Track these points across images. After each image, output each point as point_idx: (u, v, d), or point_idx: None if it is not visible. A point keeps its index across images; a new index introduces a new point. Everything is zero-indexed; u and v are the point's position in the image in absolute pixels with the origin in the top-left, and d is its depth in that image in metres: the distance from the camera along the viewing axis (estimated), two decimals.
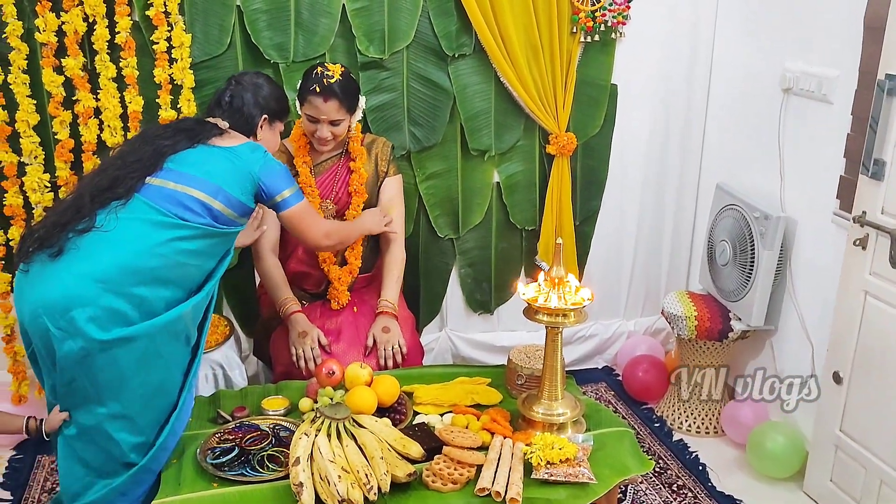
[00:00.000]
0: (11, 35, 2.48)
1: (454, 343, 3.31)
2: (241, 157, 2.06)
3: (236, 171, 2.04)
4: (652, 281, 3.47)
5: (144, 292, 1.87)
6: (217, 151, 2.05)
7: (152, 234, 1.90)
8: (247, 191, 2.06)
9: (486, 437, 2.03)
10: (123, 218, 1.89)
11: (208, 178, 1.99)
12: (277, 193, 2.12)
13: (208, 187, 1.99)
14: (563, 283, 2.05)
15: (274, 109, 2.27)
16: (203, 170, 2.00)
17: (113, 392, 1.87)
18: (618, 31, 3.02)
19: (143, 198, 1.93)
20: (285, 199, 2.14)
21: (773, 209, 2.74)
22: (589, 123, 3.13)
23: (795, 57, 2.71)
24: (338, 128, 2.47)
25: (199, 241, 1.97)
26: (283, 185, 2.13)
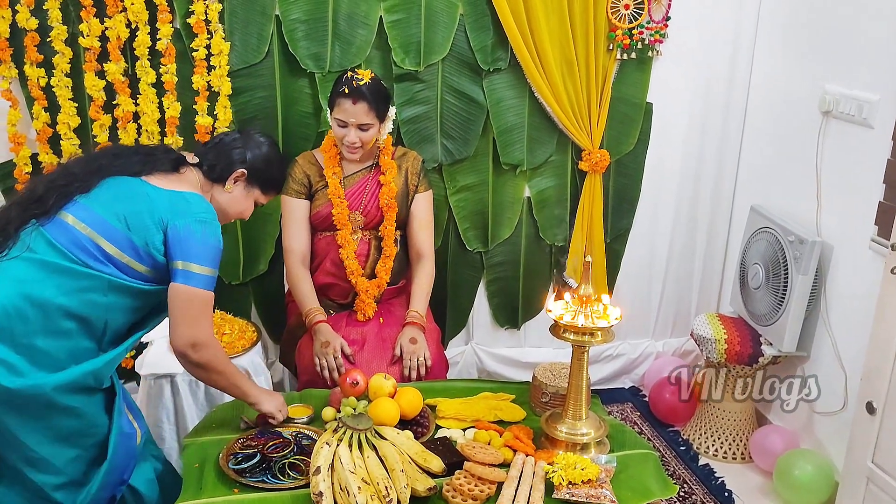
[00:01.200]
0: (56, 39, 2.53)
1: (479, 357, 3.30)
2: (165, 203, 1.82)
3: (150, 217, 1.80)
4: (682, 302, 3.43)
5: (40, 343, 1.69)
6: (144, 191, 1.84)
7: (50, 280, 1.71)
8: (156, 242, 1.80)
9: (508, 454, 2.01)
10: (26, 257, 1.72)
11: (118, 224, 1.78)
12: (178, 259, 1.79)
13: (116, 236, 1.77)
14: (591, 301, 2.03)
15: (259, 171, 2.04)
16: (116, 213, 1.79)
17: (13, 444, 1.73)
18: (655, 50, 3.00)
19: (49, 234, 1.75)
20: (188, 274, 1.79)
21: (808, 233, 2.69)
22: (623, 141, 3.11)
23: (836, 80, 2.67)
24: (366, 133, 2.47)
25: (110, 295, 1.77)
26: (194, 256, 1.80)
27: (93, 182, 1.84)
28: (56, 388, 1.72)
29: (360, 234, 2.63)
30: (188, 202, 1.86)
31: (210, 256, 1.84)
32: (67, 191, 1.82)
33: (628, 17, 2.91)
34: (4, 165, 2.66)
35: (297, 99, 2.81)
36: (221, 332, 2.57)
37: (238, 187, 2.04)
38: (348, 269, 2.59)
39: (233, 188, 2.03)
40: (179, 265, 1.81)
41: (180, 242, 1.81)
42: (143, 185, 1.86)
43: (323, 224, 2.61)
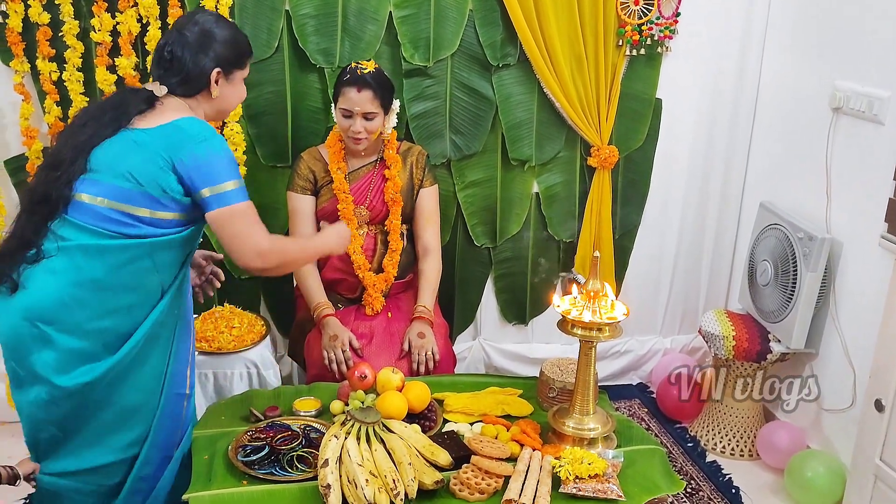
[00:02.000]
0: (68, 34, 2.54)
1: (487, 353, 3.30)
2: (158, 141, 1.74)
3: (151, 163, 1.74)
4: (690, 298, 3.42)
5: (104, 324, 1.74)
6: (137, 139, 1.76)
7: (95, 262, 1.73)
8: (169, 181, 1.75)
9: (515, 449, 2.02)
10: (63, 247, 1.73)
11: (128, 184, 1.74)
12: (196, 191, 1.75)
13: (132, 196, 1.74)
14: (599, 296, 2.04)
15: (228, 57, 1.89)
16: (122, 173, 1.74)
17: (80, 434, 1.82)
18: (664, 46, 3.00)
19: (75, 219, 1.75)
20: (218, 194, 1.75)
21: (817, 230, 2.69)
22: (632, 137, 3.11)
23: (846, 76, 2.66)
24: (371, 123, 2.47)
25: (155, 255, 1.79)
26: (218, 175, 1.75)
27: (81, 160, 1.77)
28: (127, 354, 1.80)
29: (365, 228, 2.64)
30: (180, 129, 1.78)
31: (227, 169, 1.78)
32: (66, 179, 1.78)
33: (638, 12, 2.91)
34: (17, 159, 2.69)
35: (307, 94, 2.82)
36: (230, 326, 2.59)
37: (221, 86, 1.91)
38: (355, 264, 2.60)
39: (218, 90, 1.91)
40: (206, 193, 1.76)
41: (195, 171, 1.75)
42: (130, 134, 1.77)
43: (329, 219, 2.62)
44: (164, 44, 1.88)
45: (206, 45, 1.86)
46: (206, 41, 1.86)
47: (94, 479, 1.90)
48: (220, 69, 1.89)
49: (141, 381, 1.89)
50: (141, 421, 1.93)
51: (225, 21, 1.96)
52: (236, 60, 1.93)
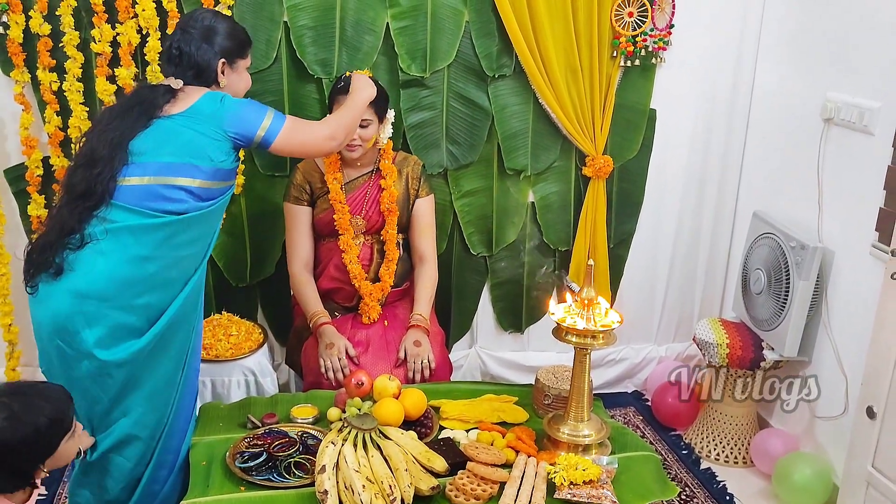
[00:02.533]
0: (68, 44, 2.57)
1: (483, 361, 3.32)
2: (201, 119, 1.94)
3: (203, 136, 1.93)
4: (685, 307, 3.44)
5: (149, 300, 1.87)
6: (175, 123, 1.94)
7: (142, 240, 1.87)
8: (223, 150, 1.96)
9: (511, 455, 2.04)
10: (111, 229, 1.86)
11: (177, 158, 1.90)
12: (255, 133, 1.99)
13: (181, 169, 1.90)
14: (593, 304, 2.06)
15: (230, 48, 2.10)
16: (170, 151, 1.91)
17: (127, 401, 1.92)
18: (658, 57, 3.03)
19: (122, 202, 1.88)
20: (267, 131, 2.00)
21: (809, 239, 2.71)
22: (626, 147, 3.13)
23: (837, 87, 2.69)
24: (366, 130, 2.49)
25: (193, 229, 1.94)
26: (256, 119, 1.99)
27: (120, 155, 1.91)
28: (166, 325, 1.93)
29: (361, 238, 2.66)
30: (209, 99, 1.98)
31: (258, 109, 2.01)
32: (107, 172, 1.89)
33: (632, 24, 2.94)
34: (17, 168, 2.71)
35: (305, 104, 2.85)
36: (228, 333, 2.61)
37: (227, 75, 2.10)
38: (351, 274, 2.61)
39: (225, 79, 2.10)
40: (260, 134, 1.99)
41: (241, 122, 1.97)
42: (166, 121, 1.94)
43: (326, 230, 2.64)
44: (171, 43, 2.08)
45: (209, 38, 2.06)
46: (208, 35, 2.07)
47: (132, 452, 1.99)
48: (225, 60, 2.08)
49: (173, 354, 2.01)
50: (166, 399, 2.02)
51: (223, 15, 2.17)
52: (238, 50, 2.13)
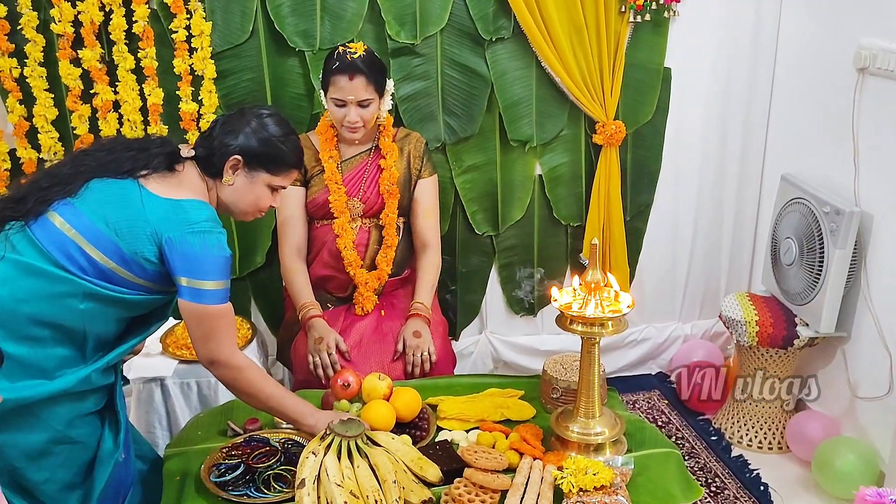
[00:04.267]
0: (27, 26, 2.39)
1: (495, 347, 3.12)
2: (158, 213, 1.67)
3: (143, 227, 1.66)
4: (710, 281, 3.22)
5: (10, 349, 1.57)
6: (137, 197, 1.69)
7: (27, 281, 1.61)
8: (148, 252, 1.67)
9: (514, 458, 1.84)
10: (8, 257, 1.62)
11: (107, 230, 1.65)
12: (180, 275, 1.67)
13: (104, 243, 1.65)
14: (601, 288, 1.84)
15: (257, 153, 1.79)
16: (106, 217, 1.66)
17: None
18: (671, 10, 2.78)
19: (34, 234, 1.64)
20: (181, 287, 1.68)
21: (845, 203, 2.48)
22: (639, 111, 2.90)
23: (871, 32, 2.45)
24: (367, 110, 2.31)
25: (87, 302, 1.65)
26: (197, 272, 1.67)
27: (77, 184, 1.69)
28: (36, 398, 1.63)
29: (359, 222, 2.47)
30: (185, 211, 1.70)
31: (217, 269, 1.70)
32: (47, 194, 1.69)
33: None
34: None
35: (288, 80, 2.65)
36: None
37: (239, 177, 1.80)
38: (346, 261, 2.42)
39: (233, 179, 1.80)
40: (184, 282, 1.68)
41: (181, 258, 1.67)
42: (137, 189, 1.70)
43: (319, 212, 2.45)
44: (224, 115, 1.86)
45: (242, 128, 1.79)
46: (244, 125, 1.80)
47: None
48: (241, 158, 1.79)
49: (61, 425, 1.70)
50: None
51: (281, 121, 1.85)
52: (265, 160, 1.81)
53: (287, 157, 1.84)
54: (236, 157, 1.78)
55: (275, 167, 1.83)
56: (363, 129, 2.36)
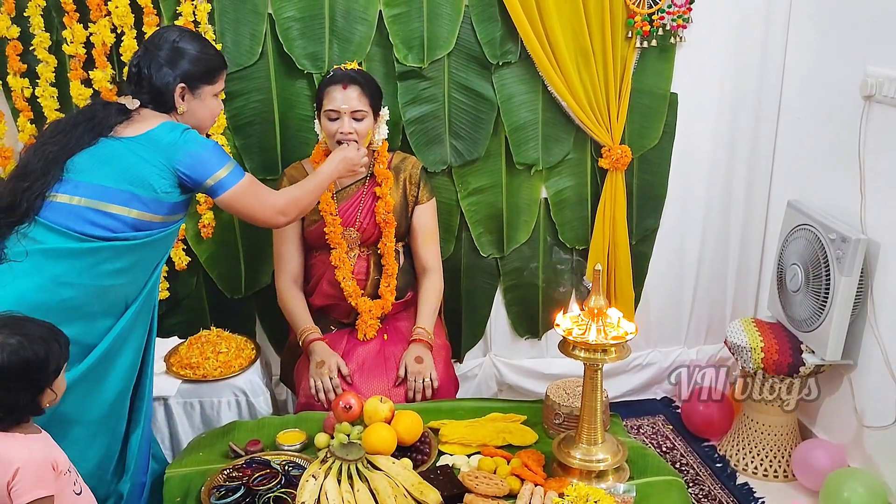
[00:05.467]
0: (39, 47, 2.41)
1: (499, 369, 3.11)
2: (152, 147, 1.78)
3: (147, 165, 1.77)
4: (716, 306, 3.19)
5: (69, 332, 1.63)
6: (122, 146, 1.78)
7: (60, 264, 1.70)
8: (169, 183, 1.80)
9: (515, 484, 1.83)
10: (32, 251, 1.70)
11: (115, 184, 1.74)
12: (206, 178, 1.81)
13: (118, 196, 1.74)
14: (604, 314, 1.84)
15: (194, 73, 1.89)
16: (107, 174, 1.75)
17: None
18: (678, 36, 2.78)
19: (46, 220, 1.72)
20: (218, 182, 1.82)
21: (851, 230, 2.46)
22: (646, 135, 2.90)
23: (878, 61, 2.43)
24: (360, 124, 2.31)
25: (123, 258, 1.76)
26: (212, 166, 1.82)
27: (57, 169, 1.76)
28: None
29: (357, 251, 2.46)
30: (167, 130, 1.81)
31: (218, 156, 1.84)
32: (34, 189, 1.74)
33: (647, 1, 2.70)
34: None
35: (296, 102, 2.66)
36: (217, 351, 2.43)
37: (188, 102, 1.91)
38: (346, 292, 2.41)
39: (185, 105, 1.90)
40: (210, 183, 1.82)
41: (193, 168, 1.80)
42: (114, 142, 1.80)
43: (317, 242, 2.45)
44: (133, 60, 1.92)
45: (170, 60, 1.87)
46: (170, 57, 1.87)
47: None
48: (185, 85, 1.89)
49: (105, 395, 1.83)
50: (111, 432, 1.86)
51: (192, 35, 1.94)
52: (203, 76, 1.92)
53: (216, 61, 1.96)
54: (181, 86, 1.88)
55: (212, 77, 1.94)
56: (355, 145, 2.30)
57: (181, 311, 2.77)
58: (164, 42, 1.88)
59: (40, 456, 1.47)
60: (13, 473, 1.42)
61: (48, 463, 1.48)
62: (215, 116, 2.01)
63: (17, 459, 1.44)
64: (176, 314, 2.77)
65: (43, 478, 1.45)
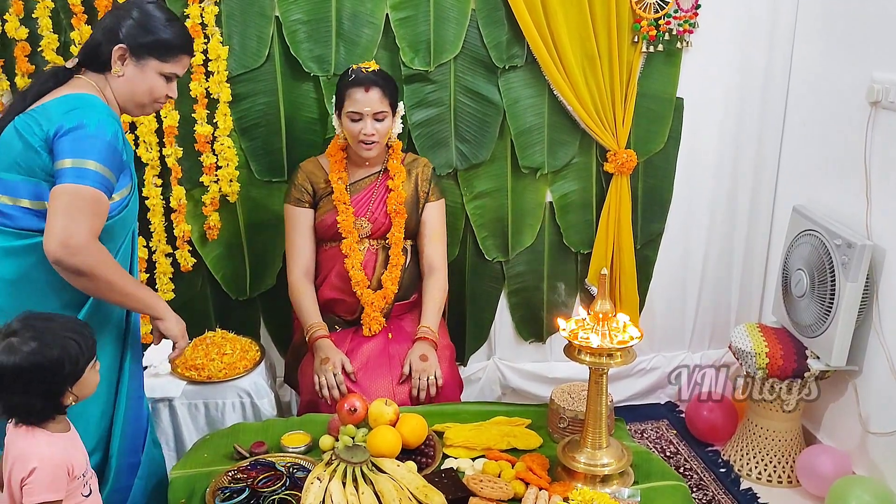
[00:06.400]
0: (47, 49, 2.42)
1: (503, 373, 3.11)
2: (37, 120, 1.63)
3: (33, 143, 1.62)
4: (720, 311, 3.19)
5: None
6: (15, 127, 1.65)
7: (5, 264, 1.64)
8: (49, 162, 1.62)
9: (520, 488, 1.83)
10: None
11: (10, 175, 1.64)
12: (65, 157, 1.59)
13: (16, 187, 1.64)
14: (609, 318, 1.84)
15: (139, 39, 1.74)
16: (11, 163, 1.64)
17: None
18: (684, 41, 2.79)
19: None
20: (62, 169, 1.59)
21: (857, 236, 2.46)
22: (651, 140, 2.90)
23: (884, 66, 2.43)
24: (382, 124, 2.35)
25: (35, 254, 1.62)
26: (73, 152, 1.59)
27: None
28: None
29: (366, 243, 2.48)
30: (60, 102, 1.66)
31: (97, 149, 1.61)
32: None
33: (654, 6, 2.70)
34: None
35: (302, 104, 2.67)
36: (222, 352, 2.44)
37: (128, 67, 1.76)
38: (353, 280, 2.43)
39: (122, 69, 1.75)
40: (68, 163, 1.59)
41: (62, 141, 1.61)
42: (23, 118, 1.67)
43: (328, 233, 2.46)
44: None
45: (124, 18, 1.75)
46: (124, 15, 1.76)
47: None
48: (127, 47, 1.74)
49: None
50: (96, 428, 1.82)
51: (164, 8, 1.82)
52: (153, 47, 1.77)
53: (173, 40, 1.79)
54: (121, 45, 1.74)
55: (163, 53, 1.78)
56: (378, 145, 2.37)
57: (186, 313, 2.72)
58: (134, 3, 1.78)
59: (59, 458, 1.47)
60: (29, 471, 1.43)
61: (65, 466, 1.47)
62: (154, 99, 1.82)
63: (36, 458, 1.44)
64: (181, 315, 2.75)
65: (56, 481, 1.45)
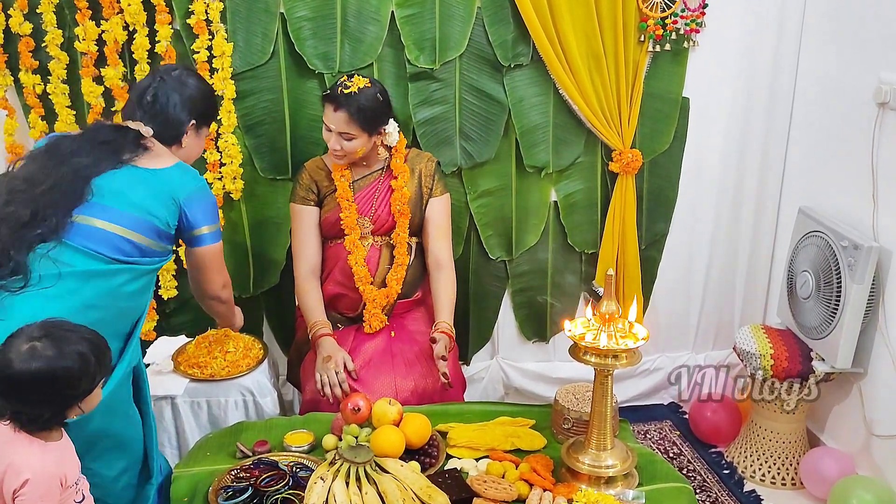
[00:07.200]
0: (51, 44, 2.42)
1: (506, 373, 3.10)
2: (168, 183, 1.88)
3: (162, 198, 1.87)
4: (724, 312, 3.18)
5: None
6: (143, 176, 1.86)
7: (88, 287, 1.72)
8: (173, 219, 1.90)
9: (524, 489, 1.82)
10: (65, 273, 1.70)
11: (139, 212, 1.82)
12: (196, 227, 1.94)
13: (139, 224, 1.82)
14: (615, 319, 1.83)
15: (202, 113, 2.04)
16: (131, 202, 1.82)
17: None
18: (691, 40, 2.77)
19: (74, 243, 1.73)
20: (203, 235, 1.96)
21: (863, 238, 2.44)
22: (657, 140, 2.89)
23: (892, 67, 2.42)
24: (349, 143, 2.33)
25: (141, 280, 1.83)
26: (206, 219, 1.95)
27: (80, 187, 1.79)
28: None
29: (370, 240, 2.47)
30: (184, 172, 1.93)
31: (214, 213, 1.99)
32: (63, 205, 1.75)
33: (661, 5, 2.69)
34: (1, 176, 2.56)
35: (306, 102, 2.66)
36: (224, 350, 2.43)
37: (190, 136, 2.03)
38: (356, 276, 2.42)
39: (187, 140, 2.03)
40: (205, 230, 1.95)
41: (198, 211, 1.92)
42: (138, 171, 1.86)
43: (332, 230, 2.46)
44: (147, 87, 1.99)
45: (187, 97, 1.99)
46: (187, 93, 2.00)
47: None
48: (195, 122, 2.02)
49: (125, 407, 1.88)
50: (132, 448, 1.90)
51: (202, 78, 2.12)
52: (209, 116, 2.09)
53: (218, 109, 2.14)
54: (192, 122, 2.01)
55: (212, 118, 2.13)
56: (345, 159, 2.38)
57: (189, 310, 2.76)
58: (180, 76, 2.01)
59: (52, 469, 1.45)
60: (22, 483, 1.41)
61: (58, 478, 1.46)
62: (198, 154, 2.12)
63: (29, 470, 1.42)
64: (184, 313, 2.77)
65: (49, 492, 1.44)
